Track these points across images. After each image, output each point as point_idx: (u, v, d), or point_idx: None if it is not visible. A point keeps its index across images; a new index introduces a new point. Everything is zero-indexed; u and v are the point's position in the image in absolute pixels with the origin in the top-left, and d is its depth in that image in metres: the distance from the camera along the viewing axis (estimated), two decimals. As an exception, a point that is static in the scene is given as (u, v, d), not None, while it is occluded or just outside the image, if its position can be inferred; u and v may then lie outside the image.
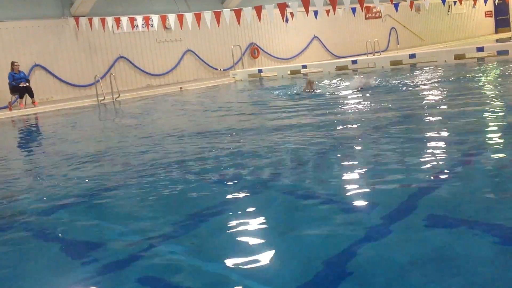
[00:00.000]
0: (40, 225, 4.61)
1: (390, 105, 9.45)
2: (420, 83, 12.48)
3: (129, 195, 5.14)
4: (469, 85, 11.49)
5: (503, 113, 7.51)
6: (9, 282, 3.41)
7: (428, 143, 5.91)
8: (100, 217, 4.64)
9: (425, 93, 10.60)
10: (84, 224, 4.46)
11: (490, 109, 7.90)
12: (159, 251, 3.61)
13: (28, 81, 17.42)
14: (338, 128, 7.66)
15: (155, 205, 4.76)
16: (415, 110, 8.66)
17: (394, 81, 13.46)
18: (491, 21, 39.87)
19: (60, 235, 4.28)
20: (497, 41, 29.01)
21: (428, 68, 16.64)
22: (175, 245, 3.69)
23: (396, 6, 22.67)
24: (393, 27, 31.86)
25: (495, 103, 8.57)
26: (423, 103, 9.39)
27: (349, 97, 11.08)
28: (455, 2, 29.16)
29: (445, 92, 10.41)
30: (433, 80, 12.69)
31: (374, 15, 30.64)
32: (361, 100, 10.41)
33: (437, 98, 9.80)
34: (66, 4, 19.75)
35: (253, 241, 3.57)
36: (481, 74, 13.59)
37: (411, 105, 9.26)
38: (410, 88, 11.61)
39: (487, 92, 10.17)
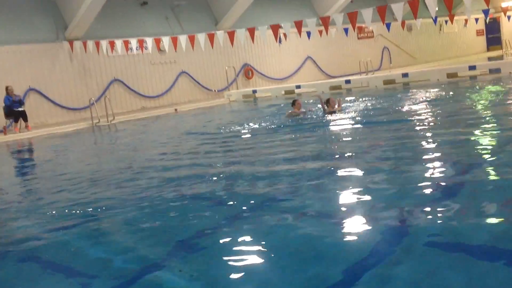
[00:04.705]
0: (34, 250, 4.58)
1: (386, 125, 9.49)
2: (414, 102, 12.53)
3: (123, 219, 5.13)
4: (462, 103, 11.56)
5: (498, 132, 7.54)
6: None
7: (424, 163, 5.92)
8: (94, 242, 4.62)
9: (419, 112, 10.63)
10: (78, 249, 4.44)
11: (485, 128, 7.94)
12: (154, 277, 3.59)
13: (23, 104, 17.41)
14: (334, 148, 7.69)
15: (150, 229, 4.74)
16: (411, 130, 8.69)
17: (387, 101, 13.53)
18: (482, 39, 40.27)
19: (54, 260, 4.26)
20: (489, 59, 29.25)
21: (421, 87, 16.73)
22: (170, 270, 3.67)
23: (388, 26, 22.88)
24: (386, 47, 32.12)
25: (490, 122, 8.60)
26: (418, 123, 9.41)
27: (345, 117, 11.09)
28: (446, 21, 29.47)
29: (439, 111, 10.47)
30: (427, 99, 12.75)
31: (366, 35, 30.91)
32: (356, 119, 10.45)
33: (432, 118, 9.84)
34: (60, 28, 19.85)
35: (249, 265, 3.56)
36: (474, 93, 13.68)
37: (406, 125, 9.29)
38: (404, 108, 11.66)
39: (481, 111, 10.23)
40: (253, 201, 5.21)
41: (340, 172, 6.00)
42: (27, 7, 19.22)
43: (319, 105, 12.10)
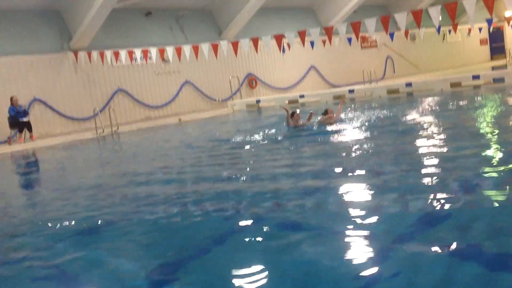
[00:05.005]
0: (38, 260, 4.59)
1: (388, 136, 9.48)
2: (417, 112, 12.50)
3: (126, 231, 5.13)
4: (466, 113, 11.54)
5: (502, 143, 7.51)
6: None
7: (428, 176, 5.91)
8: (98, 253, 4.62)
9: (423, 123, 10.60)
10: (81, 260, 4.44)
11: (489, 139, 7.93)
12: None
13: (27, 114, 17.47)
14: (337, 158, 7.68)
15: (152, 240, 4.74)
16: (416, 139, 8.67)
17: (392, 111, 13.53)
18: (486, 48, 40.26)
19: (57, 271, 4.27)
20: (493, 68, 29.22)
21: (424, 96, 16.72)
22: (171, 284, 3.68)
23: (392, 35, 22.92)
24: (389, 56, 32.16)
25: (494, 133, 8.57)
26: (422, 133, 9.38)
27: (348, 128, 11.05)
28: (450, 31, 29.51)
29: (443, 122, 10.46)
30: (430, 109, 12.75)
31: (370, 44, 30.96)
32: (360, 130, 10.44)
33: (435, 128, 9.83)
34: (65, 39, 19.96)
35: (249, 282, 3.55)
36: (478, 103, 13.66)
37: (410, 136, 9.28)
38: (408, 118, 11.64)
39: (485, 121, 10.21)
40: (254, 216, 5.19)
41: (341, 186, 5.98)
42: (32, 18, 19.34)
43: (319, 117, 11.98)
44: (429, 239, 3.90)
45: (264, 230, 4.62)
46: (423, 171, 6.13)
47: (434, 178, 5.67)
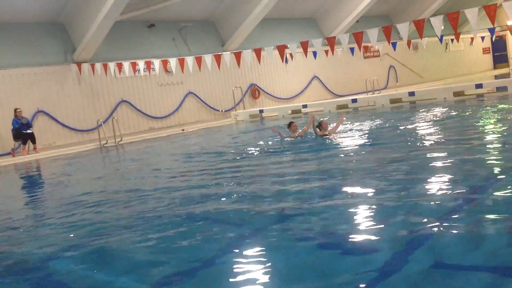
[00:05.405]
0: (41, 273, 4.58)
1: (392, 145, 9.46)
2: (420, 121, 12.49)
3: (130, 242, 5.12)
4: (469, 122, 11.51)
5: (505, 152, 7.48)
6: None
7: (432, 185, 5.88)
8: (101, 265, 4.61)
9: (426, 132, 10.60)
10: (84, 273, 4.43)
11: (492, 148, 7.91)
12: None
13: (31, 127, 17.53)
14: (340, 169, 7.67)
15: (157, 253, 4.73)
16: (418, 150, 8.64)
17: (394, 120, 13.51)
18: (489, 57, 40.32)
19: (60, 284, 4.26)
20: (496, 77, 29.22)
21: (427, 105, 16.71)
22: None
23: (394, 45, 22.96)
24: (392, 65, 32.21)
25: (497, 141, 8.54)
26: (425, 143, 9.36)
27: (349, 138, 11.04)
28: (452, 40, 29.55)
29: (446, 131, 10.44)
30: (433, 118, 12.73)
31: (372, 54, 31.03)
32: (362, 140, 10.43)
33: (438, 137, 9.81)
34: (68, 51, 20.07)
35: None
36: (481, 111, 13.63)
37: (413, 145, 9.25)
38: (410, 127, 11.63)
39: (488, 130, 10.19)
40: (259, 225, 5.19)
41: (342, 196, 5.97)
42: (36, 30, 19.47)
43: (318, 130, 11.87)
44: (432, 242, 3.88)
45: (268, 247, 4.60)
46: (426, 178, 6.11)
47: (437, 184, 5.66)
